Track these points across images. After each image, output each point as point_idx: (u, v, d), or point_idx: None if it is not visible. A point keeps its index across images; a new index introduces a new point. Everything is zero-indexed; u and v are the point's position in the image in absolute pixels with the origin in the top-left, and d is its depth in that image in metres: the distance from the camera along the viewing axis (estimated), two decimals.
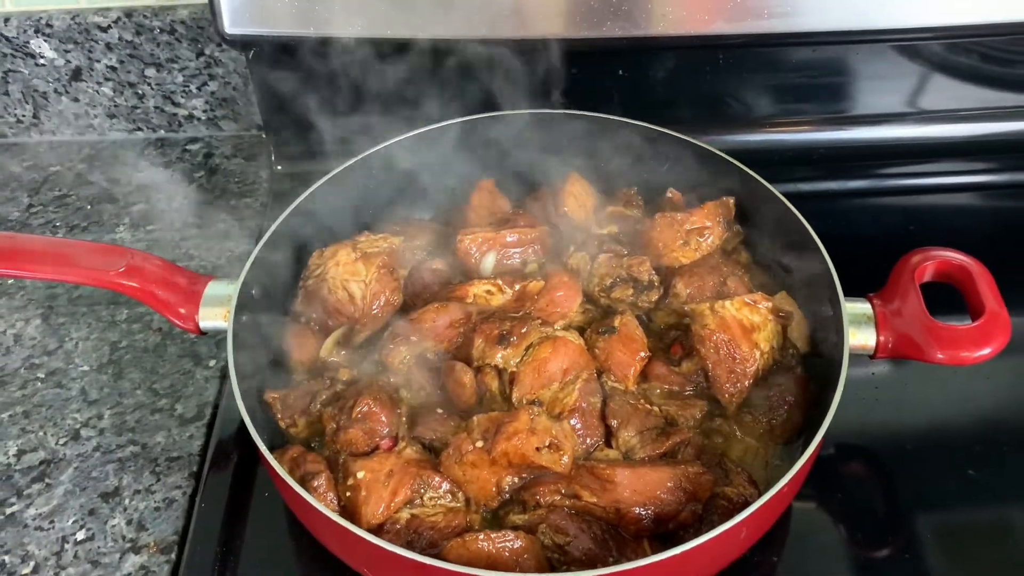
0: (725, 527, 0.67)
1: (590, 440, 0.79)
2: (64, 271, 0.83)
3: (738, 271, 0.91)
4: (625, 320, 0.86)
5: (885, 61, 1.16)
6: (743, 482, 0.77)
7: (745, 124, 1.18)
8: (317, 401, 0.82)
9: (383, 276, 0.90)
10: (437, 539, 0.73)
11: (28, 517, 0.85)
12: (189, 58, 1.20)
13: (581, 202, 1.00)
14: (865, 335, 0.82)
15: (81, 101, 1.24)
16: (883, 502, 0.88)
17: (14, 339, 1.01)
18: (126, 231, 1.14)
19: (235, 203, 1.18)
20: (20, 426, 0.93)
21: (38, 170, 1.24)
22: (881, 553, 0.84)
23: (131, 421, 0.93)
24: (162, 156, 1.26)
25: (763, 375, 0.83)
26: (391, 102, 1.06)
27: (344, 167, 0.97)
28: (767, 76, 1.15)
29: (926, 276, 0.84)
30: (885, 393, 0.93)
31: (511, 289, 0.90)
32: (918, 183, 1.20)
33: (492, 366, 0.83)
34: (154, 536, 0.84)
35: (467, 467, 0.75)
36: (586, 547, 0.72)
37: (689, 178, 0.99)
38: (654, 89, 1.12)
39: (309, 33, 1.02)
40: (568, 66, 1.05)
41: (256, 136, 1.28)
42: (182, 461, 0.89)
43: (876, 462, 0.91)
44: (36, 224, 1.16)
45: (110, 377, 0.97)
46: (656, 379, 0.84)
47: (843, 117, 1.19)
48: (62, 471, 0.89)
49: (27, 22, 1.16)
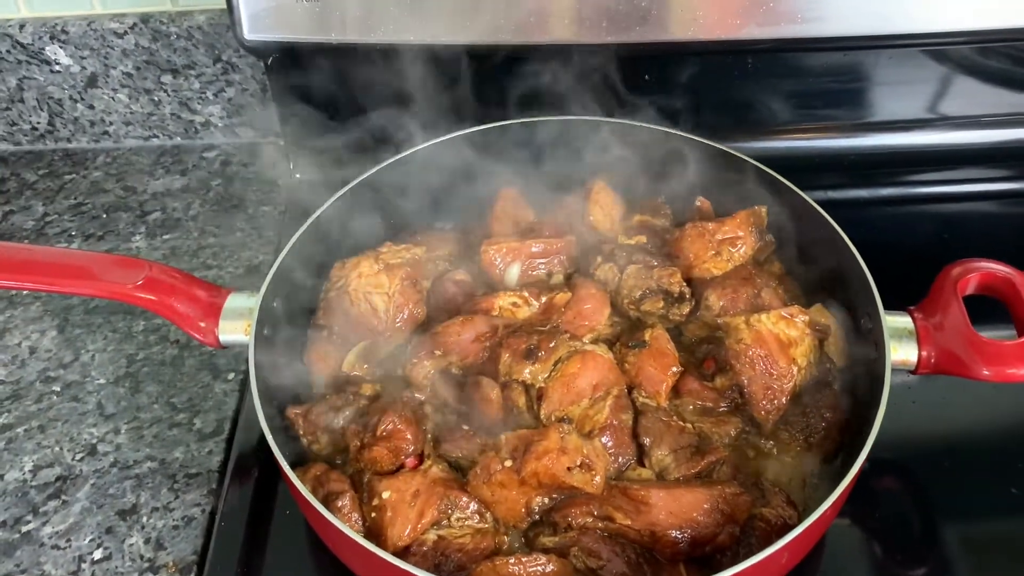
0: (768, 552, 0.64)
1: (622, 459, 0.77)
2: (80, 285, 0.81)
3: (772, 282, 0.88)
4: (656, 333, 0.83)
5: (915, 66, 1.13)
6: (781, 503, 0.74)
7: (772, 130, 1.16)
8: (340, 417, 0.80)
9: (406, 288, 0.88)
10: (465, 562, 0.71)
11: (44, 535, 0.84)
12: (206, 64, 1.18)
13: (607, 211, 0.97)
14: (906, 350, 0.79)
15: (97, 108, 1.23)
16: (919, 519, 0.85)
17: (29, 351, 1.00)
18: (142, 240, 1.12)
19: (253, 212, 1.16)
20: (36, 441, 0.91)
21: (53, 178, 1.22)
22: (917, 571, 0.81)
23: (148, 436, 0.91)
24: (178, 164, 1.24)
25: (800, 391, 0.81)
26: (412, 109, 1.04)
27: (365, 176, 0.95)
28: (796, 81, 1.12)
29: (969, 289, 0.81)
30: (923, 407, 0.91)
31: (537, 301, 0.88)
32: (951, 191, 1.17)
33: (519, 382, 0.81)
34: (173, 555, 0.82)
35: (495, 487, 0.73)
36: (620, 571, 0.70)
37: (718, 186, 0.96)
38: (682, 95, 1.10)
39: (329, 39, 1.00)
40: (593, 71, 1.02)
41: (274, 143, 1.26)
42: (201, 478, 0.87)
43: (913, 478, 0.88)
44: (51, 233, 1.14)
45: (127, 390, 0.95)
46: (688, 395, 0.82)
47: (873, 123, 1.17)
48: (79, 487, 0.87)
49: (42, 28, 1.15)
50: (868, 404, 0.76)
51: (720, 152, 0.96)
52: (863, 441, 0.71)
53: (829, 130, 1.16)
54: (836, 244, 0.86)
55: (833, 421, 0.80)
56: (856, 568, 0.81)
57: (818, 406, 0.80)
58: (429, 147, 0.98)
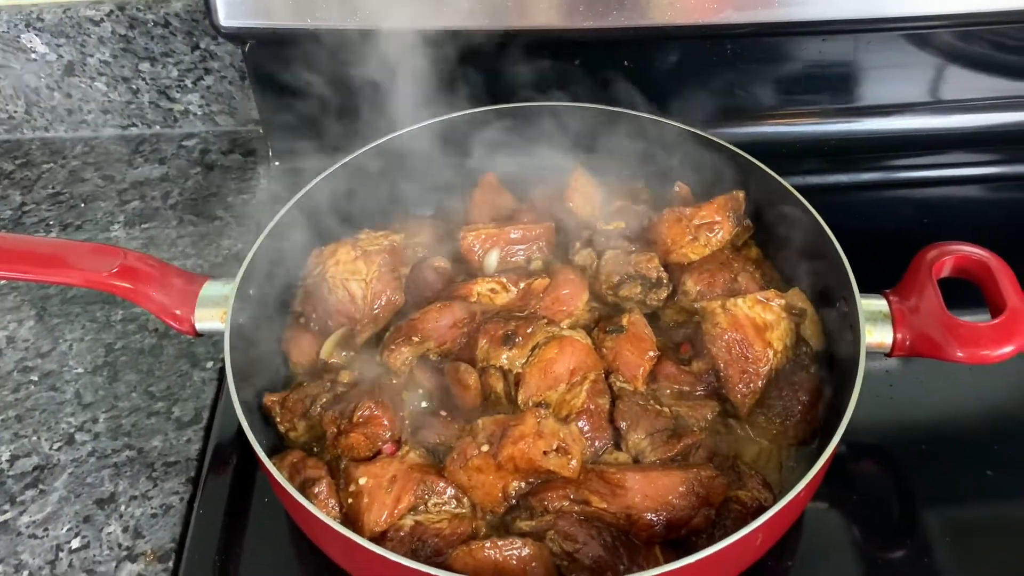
0: (741, 534, 0.64)
1: (599, 443, 0.77)
2: (56, 272, 0.80)
3: (749, 267, 0.88)
4: (633, 319, 0.83)
5: (896, 51, 1.13)
6: (757, 485, 0.74)
7: (752, 116, 1.16)
8: (317, 404, 0.80)
9: (384, 275, 0.88)
10: (442, 547, 0.71)
11: (21, 525, 0.83)
12: (184, 52, 1.17)
13: (587, 197, 0.97)
14: (882, 333, 0.79)
15: (74, 97, 1.22)
16: (898, 502, 0.85)
17: (6, 341, 0.99)
18: (121, 229, 1.12)
19: (232, 200, 1.15)
20: (13, 430, 0.91)
21: (31, 167, 1.21)
22: (896, 554, 0.82)
23: (127, 425, 0.91)
24: (157, 153, 1.23)
25: (776, 375, 0.81)
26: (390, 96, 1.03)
27: (342, 163, 0.95)
28: (775, 67, 1.12)
29: (944, 272, 0.82)
30: (900, 391, 0.91)
31: (516, 287, 0.88)
32: (930, 175, 1.17)
33: (497, 367, 0.81)
34: (151, 544, 0.82)
35: (472, 472, 0.73)
36: (596, 554, 0.70)
37: (697, 171, 0.96)
38: (660, 80, 1.09)
39: (306, 25, 1.00)
40: (572, 57, 1.02)
41: (253, 132, 1.25)
42: (179, 466, 0.87)
43: (890, 461, 0.89)
44: (29, 223, 1.13)
45: (105, 380, 0.95)
46: (666, 379, 0.82)
47: (853, 108, 1.17)
48: (56, 477, 0.87)
49: (18, 16, 1.14)
50: (844, 387, 0.77)
51: (698, 137, 0.96)
52: (838, 423, 0.71)
53: (809, 115, 1.16)
54: (813, 228, 0.86)
55: (809, 404, 0.80)
56: (835, 551, 0.81)
57: (794, 389, 0.81)
58: (408, 133, 0.97)
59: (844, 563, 0.80)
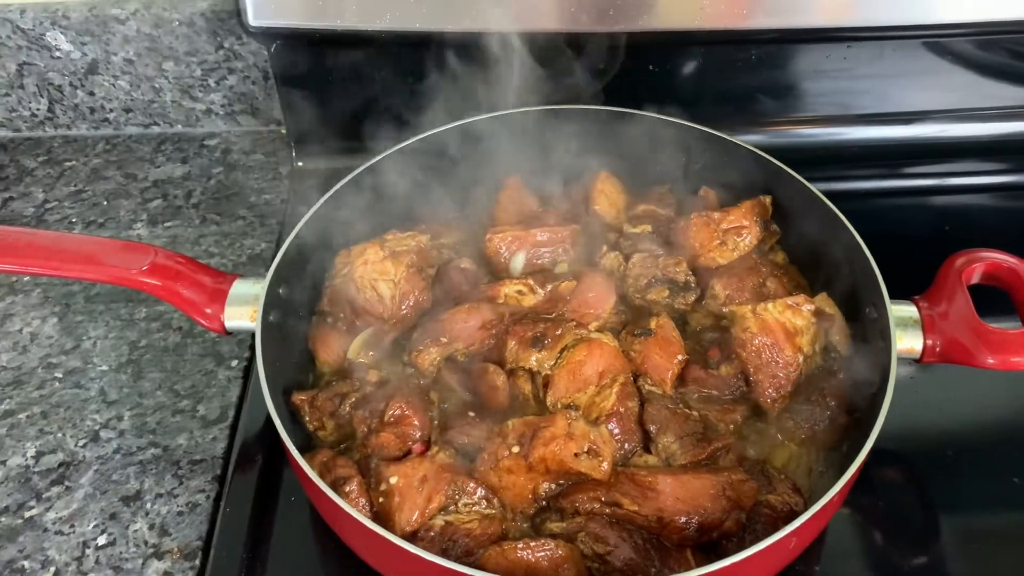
0: (776, 538, 0.64)
1: (628, 446, 0.77)
2: (85, 269, 0.80)
3: (776, 272, 0.89)
4: (662, 322, 0.84)
5: (917, 59, 1.13)
6: (787, 490, 0.74)
7: (775, 121, 1.16)
8: (346, 404, 0.80)
9: (412, 275, 0.88)
10: (473, 547, 0.71)
11: (48, 521, 0.83)
12: (208, 52, 1.18)
13: (612, 200, 0.98)
14: (911, 339, 0.79)
15: (97, 95, 1.22)
16: (921, 508, 0.85)
17: (31, 337, 0.99)
18: (144, 228, 1.12)
19: (255, 200, 1.15)
20: (38, 427, 0.91)
21: (53, 165, 1.21)
22: (918, 561, 0.82)
23: (152, 423, 0.91)
24: (179, 152, 1.23)
25: (805, 380, 0.81)
26: (417, 97, 1.03)
27: (370, 163, 0.95)
28: (799, 73, 1.12)
29: (974, 278, 0.82)
30: (925, 396, 0.91)
31: (543, 289, 0.88)
32: (951, 183, 1.17)
33: (525, 369, 0.81)
34: (177, 541, 0.82)
35: (503, 473, 0.73)
36: (627, 557, 0.70)
37: (723, 176, 0.96)
38: (686, 85, 1.10)
39: (334, 26, 1.00)
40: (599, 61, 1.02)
41: (275, 132, 1.25)
42: (205, 464, 0.87)
43: (914, 467, 0.89)
44: (52, 220, 1.13)
45: (129, 377, 0.95)
46: (694, 383, 0.82)
47: (875, 115, 1.17)
48: (82, 473, 0.87)
49: (43, 14, 1.14)
50: (873, 393, 0.77)
51: (724, 141, 0.96)
52: (869, 429, 0.71)
53: (831, 121, 1.17)
54: (841, 234, 0.86)
55: (838, 409, 0.80)
56: (857, 556, 0.81)
57: (823, 395, 0.81)
58: (433, 135, 0.97)
59: (866, 568, 0.80)
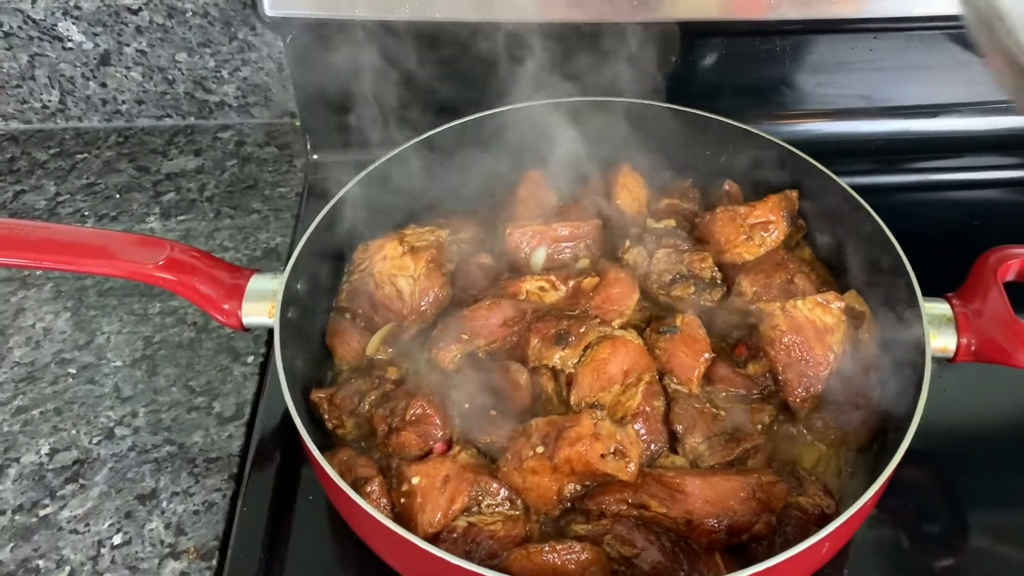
0: (811, 542, 0.63)
1: (655, 446, 0.75)
2: (100, 264, 0.79)
3: (804, 268, 0.87)
4: (687, 319, 0.82)
5: (943, 51, 1.11)
6: (818, 492, 0.73)
7: (799, 114, 1.14)
8: (366, 401, 0.78)
9: (432, 271, 0.86)
10: (496, 549, 0.69)
11: (62, 519, 0.82)
12: (222, 43, 1.16)
13: (634, 195, 0.96)
14: (945, 338, 0.77)
15: (109, 86, 1.20)
16: (948, 509, 0.84)
17: (43, 332, 0.98)
18: (157, 221, 1.10)
19: (269, 193, 1.14)
20: (52, 423, 0.89)
21: (64, 157, 1.20)
22: (946, 562, 0.80)
23: (167, 420, 0.89)
24: (192, 144, 1.22)
25: (835, 379, 0.79)
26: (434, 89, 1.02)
27: (387, 157, 0.93)
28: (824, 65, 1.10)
29: (1009, 275, 0.80)
30: (955, 395, 0.89)
31: (565, 286, 0.86)
32: (979, 177, 1.15)
33: (548, 367, 0.79)
34: (194, 541, 0.80)
35: (527, 474, 0.71)
36: (655, 560, 0.68)
37: (748, 169, 0.94)
38: (708, 76, 1.08)
39: (352, 16, 0.98)
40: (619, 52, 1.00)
41: (289, 124, 1.24)
42: (221, 462, 0.86)
43: (944, 467, 0.87)
44: (64, 213, 1.12)
45: (144, 373, 0.93)
46: (721, 382, 0.80)
47: (900, 108, 1.15)
48: (96, 471, 0.85)
49: (55, 4, 1.12)
50: (904, 392, 0.75)
51: (750, 134, 0.94)
52: (904, 431, 0.69)
53: (856, 114, 1.15)
54: (869, 229, 0.84)
55: (868, 410, 0.78)
56: (884, 558, 0.80)
57: (852, 394, 0.79)
58: (450, 128, 0.96)
59: (894, 570, 0.79)
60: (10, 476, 0.85)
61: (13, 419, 0.89)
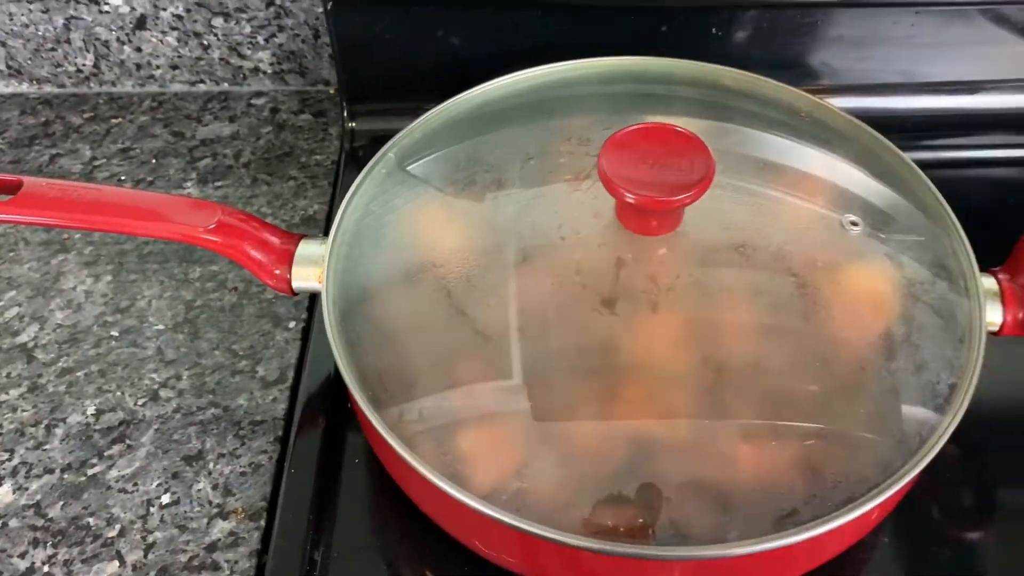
0: (861, 511, 0.63)
1: None
2: (152, 226, 0.79)
3: None
4: None
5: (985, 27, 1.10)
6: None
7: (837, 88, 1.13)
8: None
9: None
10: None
11: (111, 479, 0.83)
12: (258, 8, 1.15)
13: None
14: (991, 311, 0.77)
15: (144, 51, 1.20)
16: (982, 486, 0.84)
17: (85, 295, 0.98)
18: (194, 187, 1.11)
19: (305, 160, 1.14)
20: (96, 385, 0.90)
21: (99, 122, 1.20)
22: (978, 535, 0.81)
23: (211, 383, 0.90)
24: (226, 110, 1.21)
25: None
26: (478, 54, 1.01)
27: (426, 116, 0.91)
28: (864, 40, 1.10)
29: None
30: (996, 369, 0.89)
31: None
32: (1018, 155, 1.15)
33: None
34: (241, 502, 0.81)
35: None
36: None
37: None
38: (745, 50, 1.07)
39: None
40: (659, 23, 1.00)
41: (323, 92, 1.23)
42: (266, 425, 0.87)
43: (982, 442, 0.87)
44: (100, 177, 1.12)
45: (186, 337, 0.94)
46: None
47: (939, 83, 1.14)
48: (142, 432, 0.86)
49: None
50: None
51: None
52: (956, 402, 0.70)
53: (894, 90, 1.14)
54: (928, 202, 0.85)
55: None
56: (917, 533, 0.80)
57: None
58: (496, 86, 0.94)
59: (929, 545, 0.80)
60: (57, 436, 0.86)
61: (58, 380, 0.90)
